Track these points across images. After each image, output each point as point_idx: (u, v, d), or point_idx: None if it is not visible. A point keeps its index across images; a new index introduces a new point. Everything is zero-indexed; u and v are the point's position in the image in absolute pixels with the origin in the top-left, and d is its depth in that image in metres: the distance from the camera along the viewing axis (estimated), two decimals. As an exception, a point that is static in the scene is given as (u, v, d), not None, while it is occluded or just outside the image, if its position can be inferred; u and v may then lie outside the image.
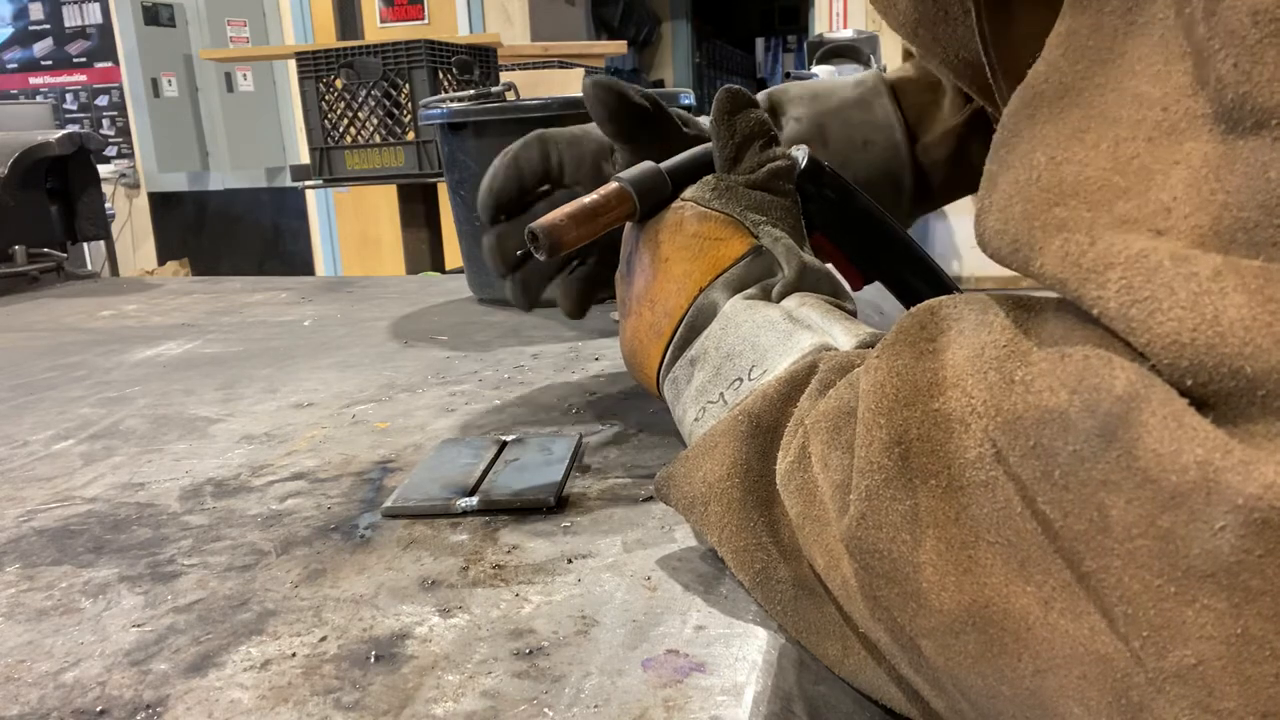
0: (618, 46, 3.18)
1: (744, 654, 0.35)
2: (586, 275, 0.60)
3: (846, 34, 3.37)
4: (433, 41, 2.00)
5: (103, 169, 3.45)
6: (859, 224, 0.52)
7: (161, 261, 4.56)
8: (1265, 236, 0.21)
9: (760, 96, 0.66)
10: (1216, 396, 0.21)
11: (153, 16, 4.45)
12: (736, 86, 0.48)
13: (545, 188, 0.61)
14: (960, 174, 0.69)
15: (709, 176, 0.47)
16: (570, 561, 0.43)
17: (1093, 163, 0.24)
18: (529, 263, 0.59)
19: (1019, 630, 0.25)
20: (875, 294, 0.57)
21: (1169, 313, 0.21)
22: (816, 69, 3.05)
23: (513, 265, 0.59)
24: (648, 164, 0.48)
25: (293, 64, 2.23)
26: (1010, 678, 0.25)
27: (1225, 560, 0.20)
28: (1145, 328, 0.22)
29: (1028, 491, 0.24)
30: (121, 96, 4.57)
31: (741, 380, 0.41)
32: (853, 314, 0.44)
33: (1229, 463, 0.20)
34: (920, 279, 0.54)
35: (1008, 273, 0.26)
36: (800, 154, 0.50)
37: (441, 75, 2.00)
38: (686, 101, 1.03)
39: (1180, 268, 0.21)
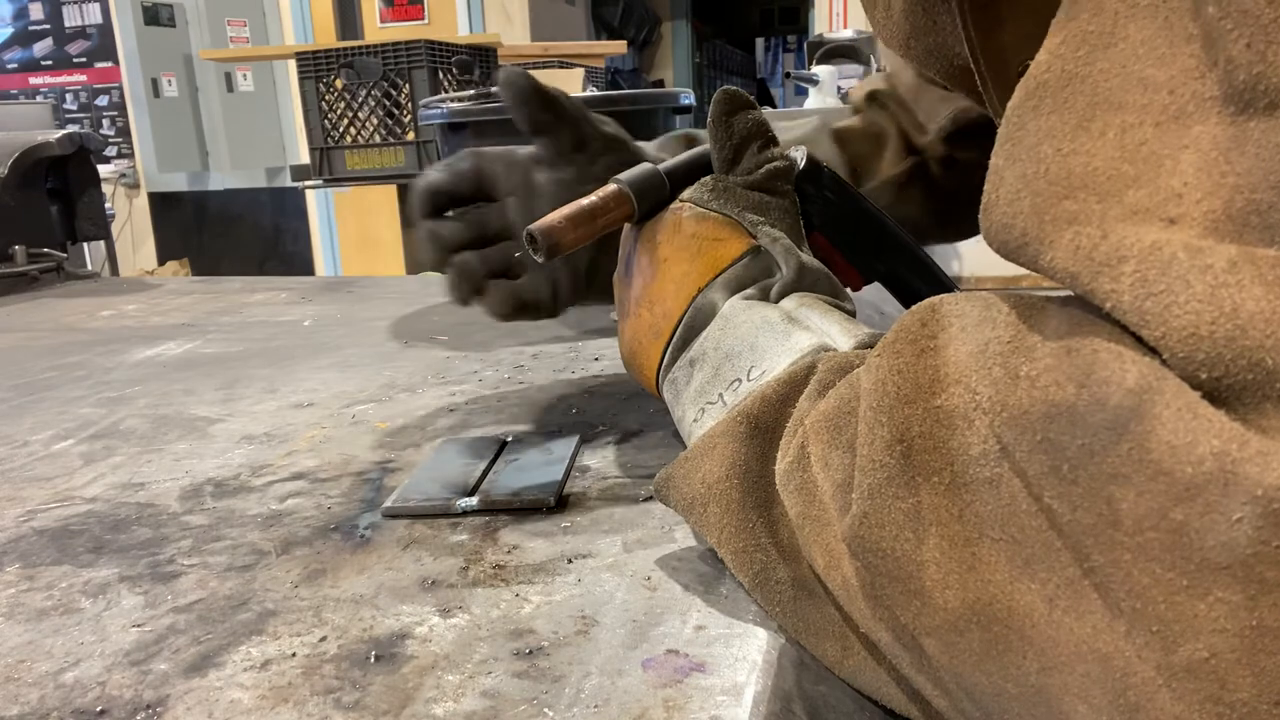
0: (618, 46, 3.18)
1: (744, 654, 0.35)
2: (520, 290, 0.59)
3: (846, 34, 3.37)
4: (433, 41, 2.00)
5: (103, 169, 3.45)
6: (858, 224, 0.52)
7: (161, 261, 4.56)
8: (1279, 219, 0.21)
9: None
10: (1230, 390, 0.21)
11: (153, 16, 4.45)
12: (734, 88, 0.48)
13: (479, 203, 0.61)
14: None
15: (707, 177, 0.47)
16: (570, 561, 0.43)
17: (1100, 152, 0.24)
18: (469, 253, 0.59)
19: (1023, 628, 0.25)
20: (875, 294, 0.57)
21: (1185, 305, 0.21)
22: (817, 69, 3.04)
23: (451, 252, 0.60)
24: (645, 165, 0.48)
25: (293, 64, 2.23)
26: (1015, 676, 0.25)
27: (1241, 552, 0.20)
28: (1160, 321, 0.21)
29: (1034, 487, 0.24)
30: (121, 96, 4.56)
31: (740, 381, 0.41)
32: (851, 314, 0.44)
33: (1246, 454, 0.20)
34: (919, 279, 0.54)
35: (1008, 273, 0.26)
36: (799, 154, 0.50)
37: (441, 75, 2.00)
38: (686, 101, 1.03)
39: (1195, 259, 0.21)
